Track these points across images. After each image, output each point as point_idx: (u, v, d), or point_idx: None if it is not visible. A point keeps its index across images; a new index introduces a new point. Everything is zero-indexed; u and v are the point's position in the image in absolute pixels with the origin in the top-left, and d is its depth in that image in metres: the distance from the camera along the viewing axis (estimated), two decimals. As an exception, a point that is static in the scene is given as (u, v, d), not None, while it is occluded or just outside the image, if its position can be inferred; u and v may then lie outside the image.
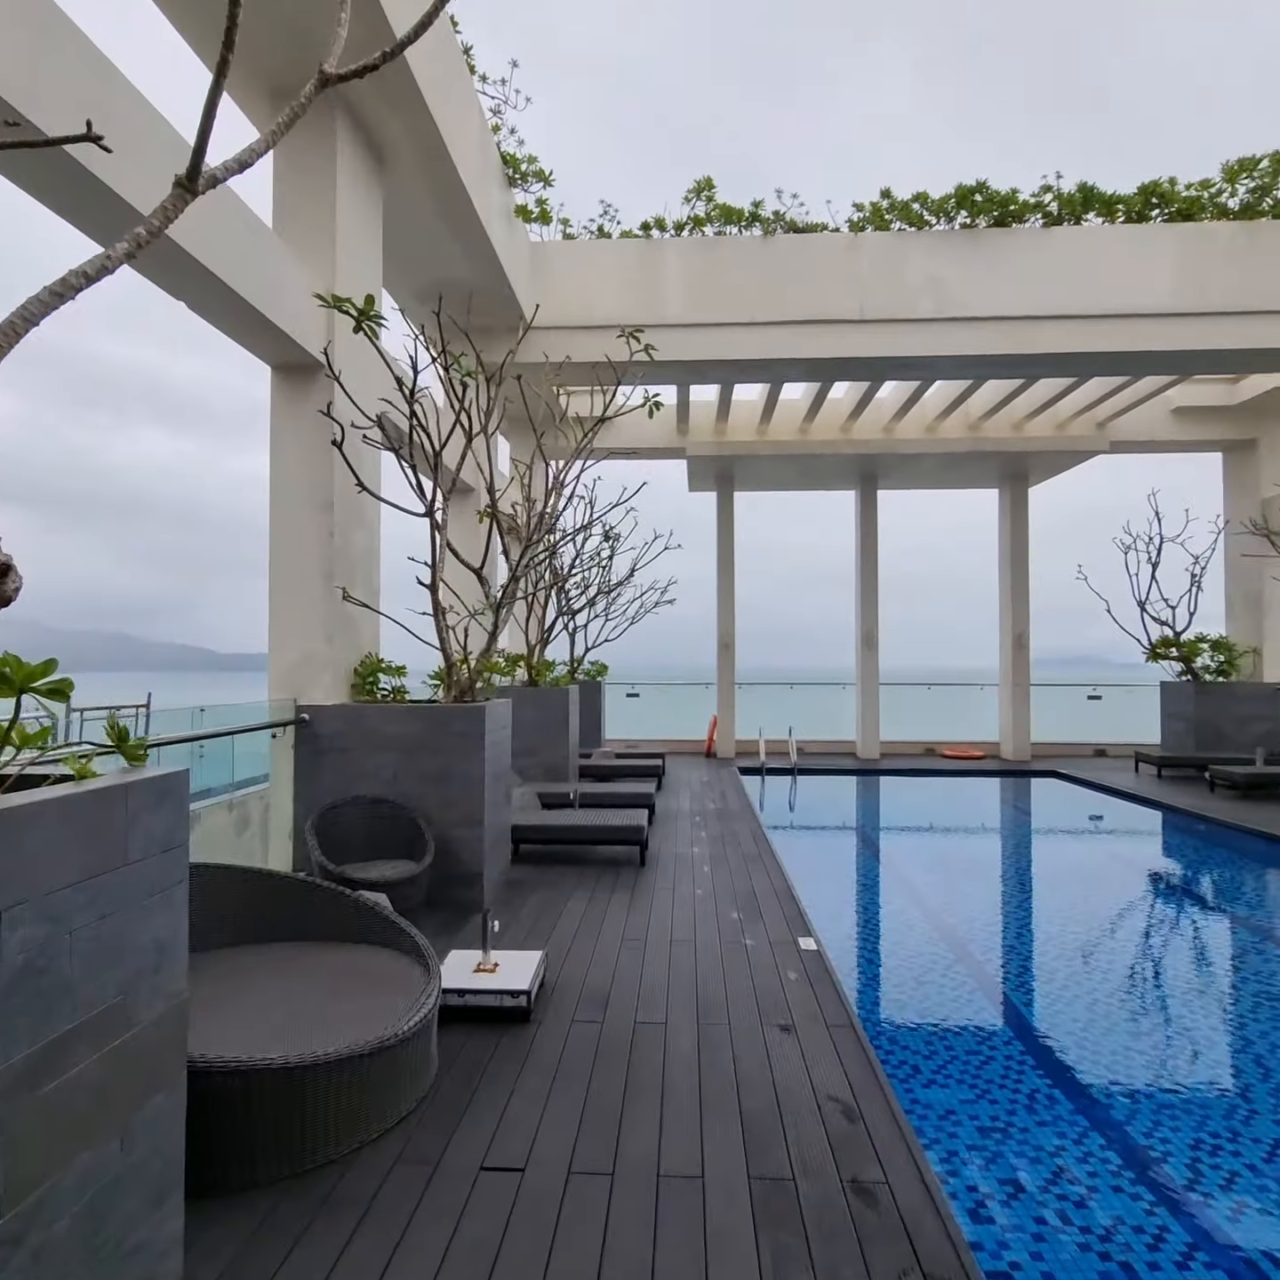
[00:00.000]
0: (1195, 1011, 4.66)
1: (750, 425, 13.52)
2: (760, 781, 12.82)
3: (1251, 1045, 4.26)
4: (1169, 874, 8.07)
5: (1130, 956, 5.60)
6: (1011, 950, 5.66)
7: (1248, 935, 6.05)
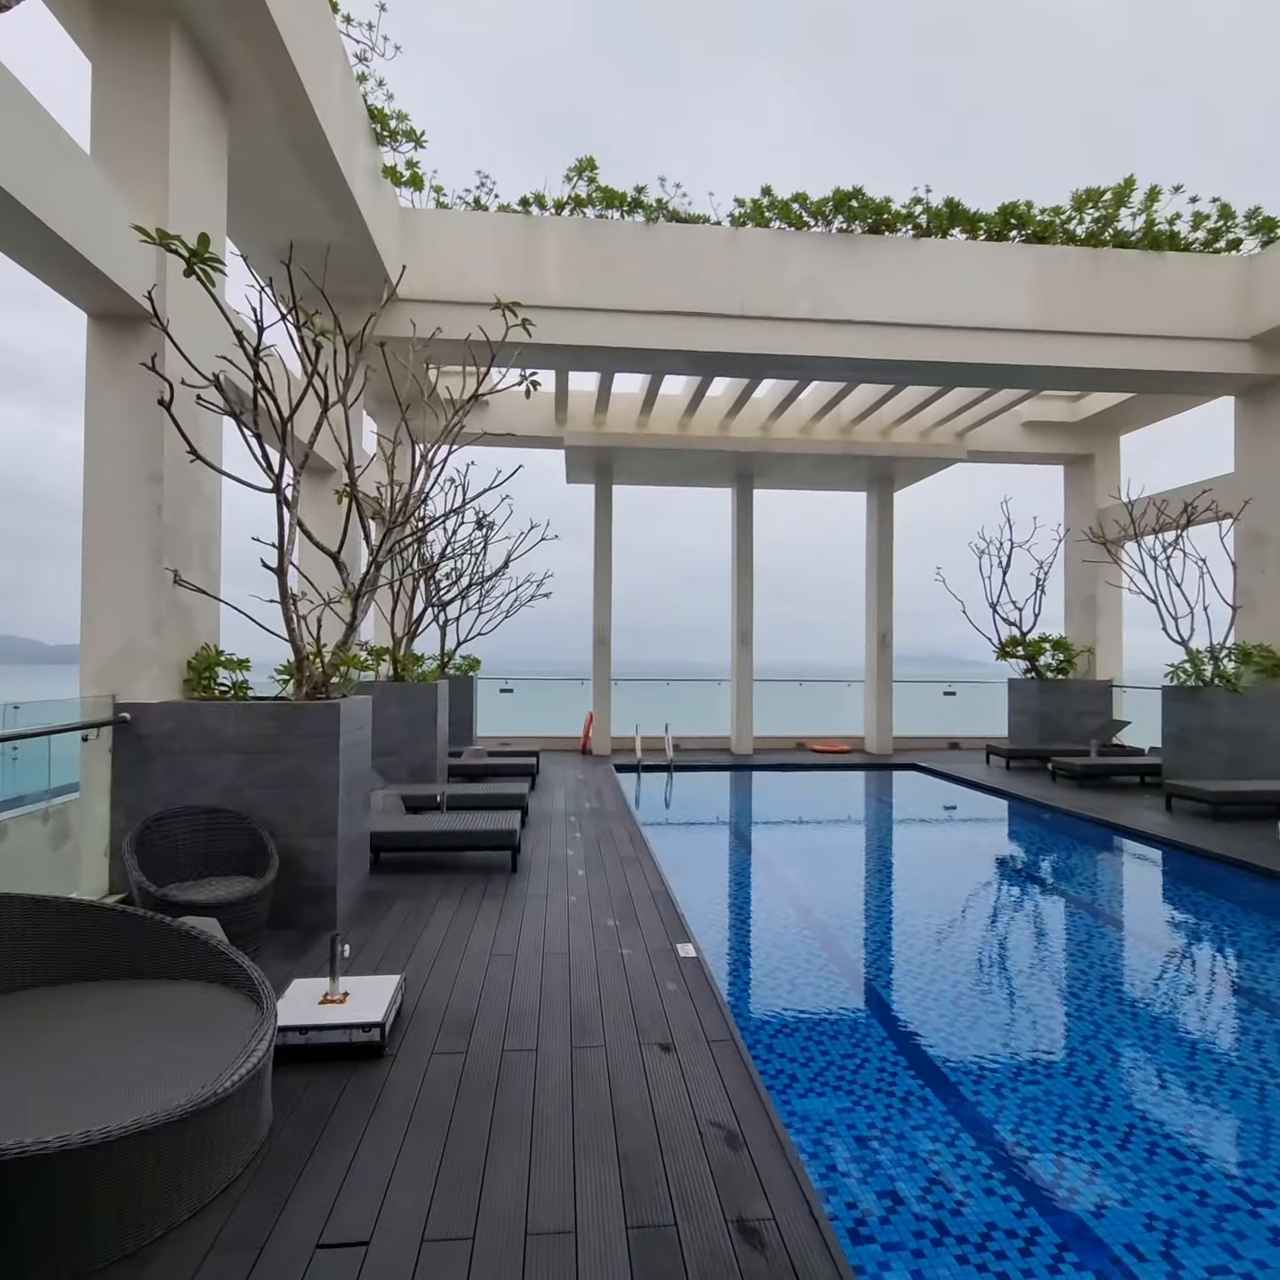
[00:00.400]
0: (1051, 999, 4.82)
1: (630, 418, 13.34)
2: (636, 779, 12.69)
3: (1101, 1030, 4.41)
4: (1020, 860, 8.49)
5: (991, 946, 5.76)
6: (882, 945, 5.71)
7: (1091, 919, 6.39)
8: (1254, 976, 5.14)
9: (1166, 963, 5.49)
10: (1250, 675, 10.32)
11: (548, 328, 9.39)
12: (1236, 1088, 3.79)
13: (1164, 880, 7.53)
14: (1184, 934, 6.12)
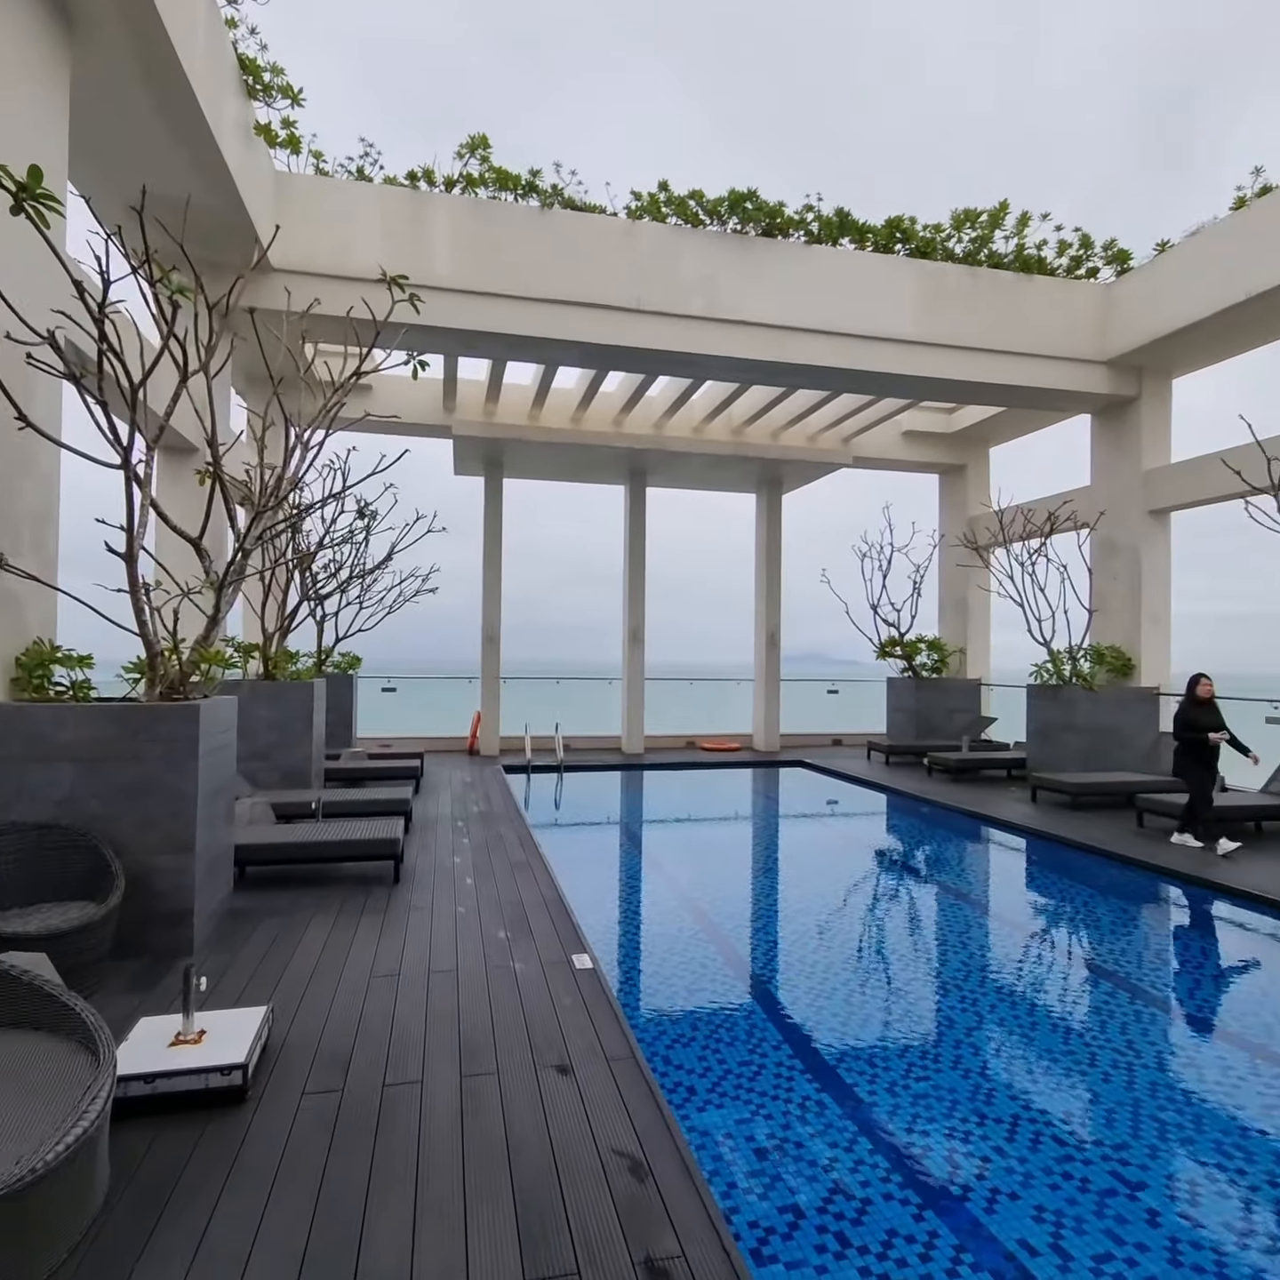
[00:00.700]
0: (937, 990, 4.92)
1: (522, 409, 13.00)
2: (526, 780, 12.38)
3: (984, 1020, 4.53)
4: (903, 853, 8.76)
5: (879, 940, 5.86)
6: (775, 945, 5.69)
7: (971, 909, 6.63)
8: (1116, 959, 5.44)
9: (1041, 949, 5.74)
10: (1103, 675, 11.09)
11: (437, 309, 8.98)
12: (1107, 1070, 3.95)
13: (1034, 868, 7.93)
14: (1054, 919, 6.43)
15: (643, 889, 7.16)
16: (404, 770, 10.22)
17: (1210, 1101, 3.71)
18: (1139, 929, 6.12)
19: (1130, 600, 11.28)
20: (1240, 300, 9.13)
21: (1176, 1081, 3.89)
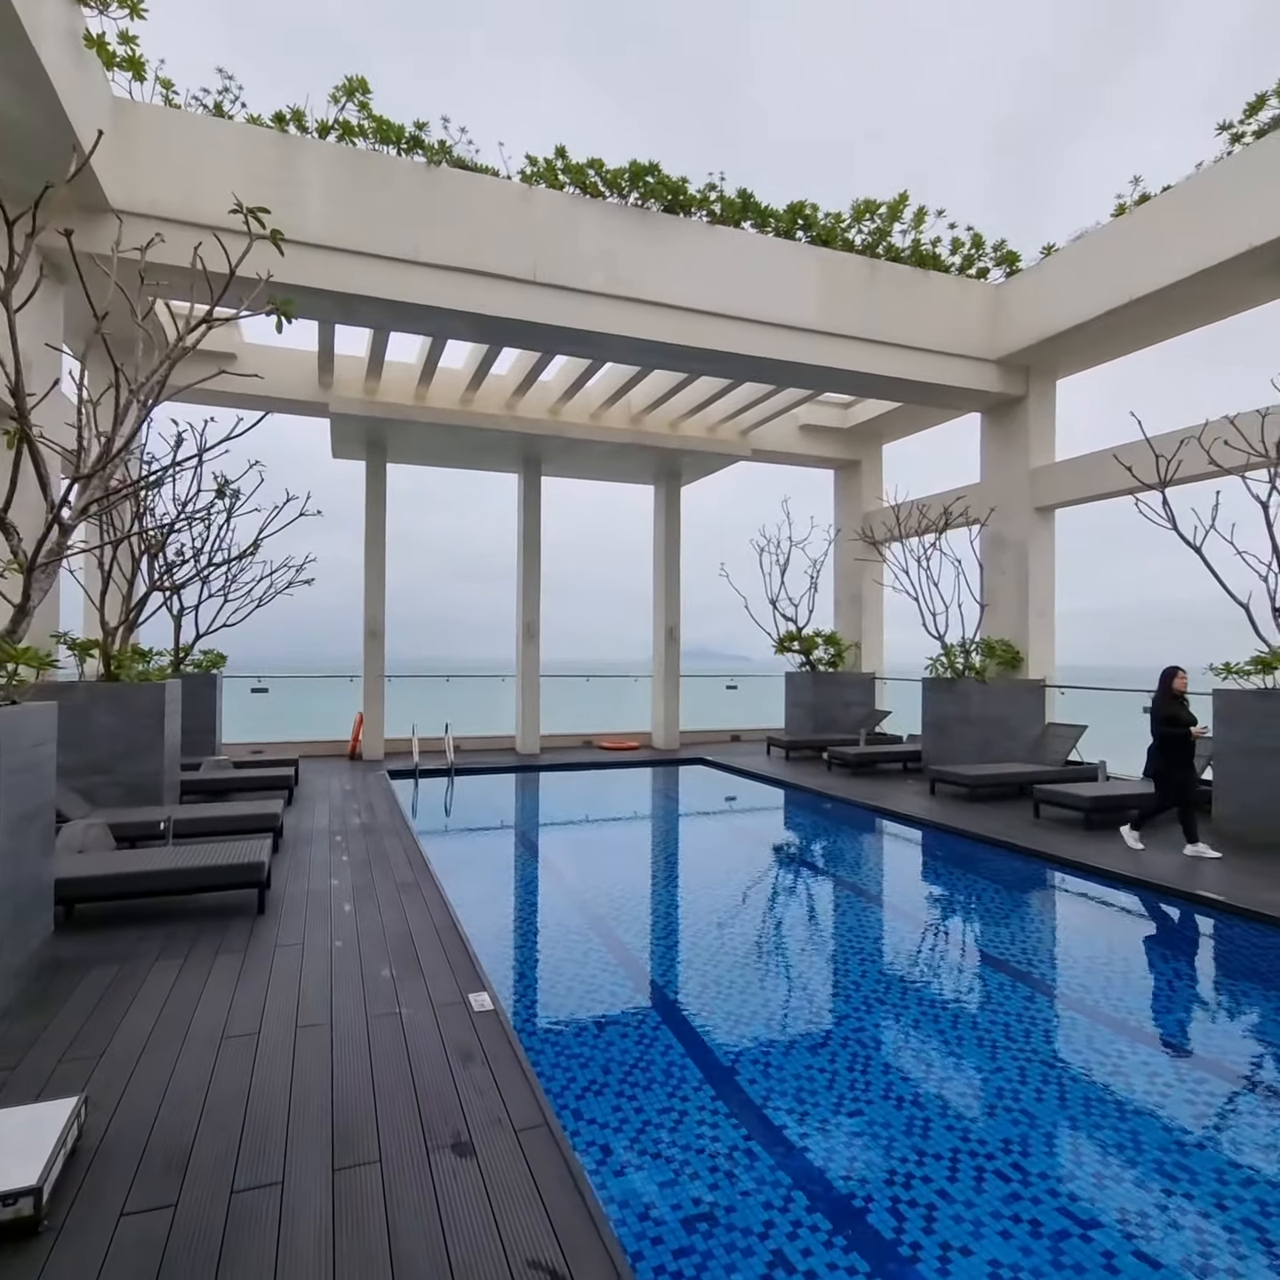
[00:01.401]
0: (858, 997, 4.62)
1: (407, 388, 12.11)
2: (414, 786, 11.54)
3: (900, 1021, 4.26)
4: (809, 850, 8.55)
5: (796, 949, 5.53)
6: (689, 965, 5.26)
7: (878, 906, 6.43)
8: (1023, 952, 5.31)
9: (952, 945, 5.57)
10: (994, 668, 11.32)
11: (309, 268, 8.10)
12: (1023, 1065, 3.72)
13: (939, 862, 7.85)
14: (961, 913, 6.31)
15: (544, 906, 6.57)
16: (275, 780, 9.23)
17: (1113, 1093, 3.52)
18: (1042, 920, 6.07)
19: (1018, 594, 11.57)
20: (1122, 303, 9.41)
21: (1056, 1064, 3.70)
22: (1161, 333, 10.21)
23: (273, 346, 11.79)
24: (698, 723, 15.89)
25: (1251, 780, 7.63)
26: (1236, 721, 7.81)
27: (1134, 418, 8.75)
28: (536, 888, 7.06)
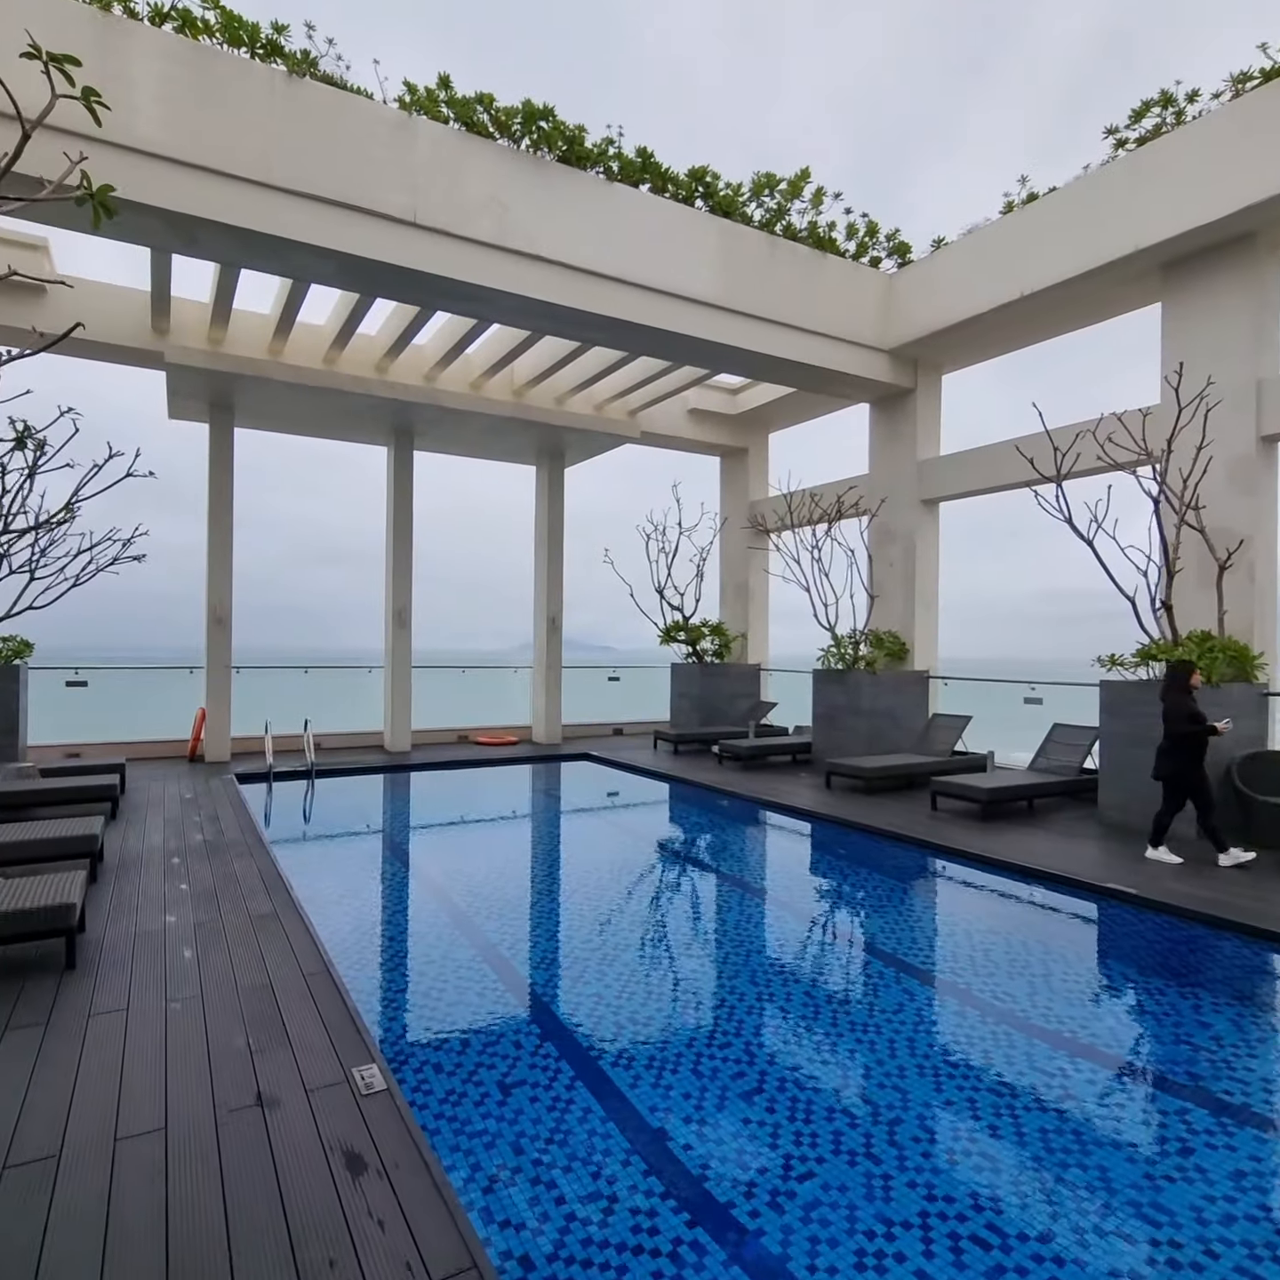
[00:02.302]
0: (770, 1020, 4.14)
1: (260, 340, 10.69)
2: (267, 791, 10.23)
3: (806, 1037, 3.81)
4: (708, 850, 8.10)
5: (709, 966, 5.01)
6: (606, 1004, 4.62)
7: (782, 909, 6.04)
8: (937, 950, 5.04)
9: (857, 943, 5.22)
10: (882, 659, 11.33)
11: (137, 178, 6.78)
12: (922, 1066, 3.34)
13: (841, 859, 7.58)
14: (863, 908, 6.01)
15: (430, 934, 5.68)
16: (94, 789, 7.79)
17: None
18: (942, 912, 5.86)
19: (904, 586, 11.63)
20: (1014, 299, 9.50)
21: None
22: (1047, 331, 10.44)
23: (96, 281, 10.07)
24: (578, 716, 15.22)
25: (1135, 768, 7.82)
26: (1121, 712, 7.99)
27: (1035, 409, 8.79)
28: (420, 911, 6.16)
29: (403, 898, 6.39)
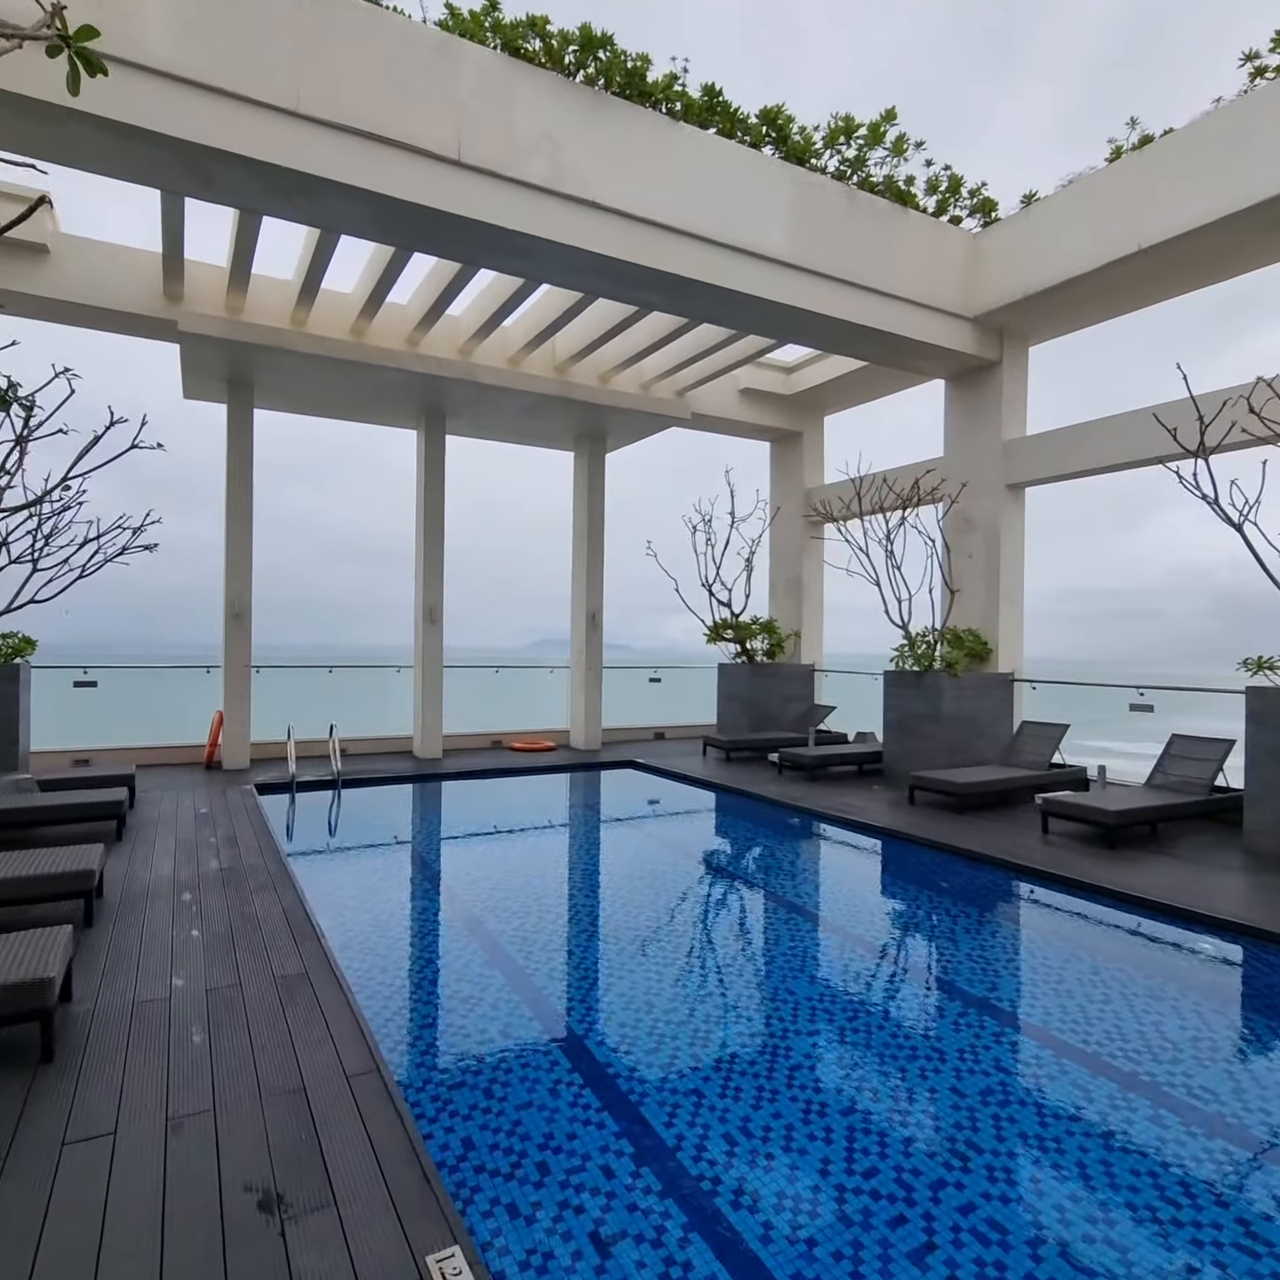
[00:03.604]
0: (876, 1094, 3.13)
1: (282, 308, 9.76)
2: (290, 803, 9.32)
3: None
4: (788, 876, 7.09)
5: (801, 1033, 4.00)
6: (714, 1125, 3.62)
7: (915, 973, 5.02)
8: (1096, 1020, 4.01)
9: (982, 1011, 4.19)
10: (963, 660, 10.25)
11: (147, 102, 5.83)
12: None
13: (939, 891, 6.54)
14: (988, 957, 4.97)
15: (503, 1010, 4.68)
16: (98, 806, 6.89)
17: None
18: (1082, 966, 4.80)
19: (986, 580, 10.54)
20: (1130, 253, 8.40)
21: None
22: (1158, 293, 9.29)
23: (101, 241, 9.17)
24: (615, 719, 14.20)
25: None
26: (1275, 723, 6.90)
27: (1179, 371, 7.59)
28: (484, 976, 5.14)
29: (459, 952, 5.37)
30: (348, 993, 3.94)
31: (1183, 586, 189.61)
